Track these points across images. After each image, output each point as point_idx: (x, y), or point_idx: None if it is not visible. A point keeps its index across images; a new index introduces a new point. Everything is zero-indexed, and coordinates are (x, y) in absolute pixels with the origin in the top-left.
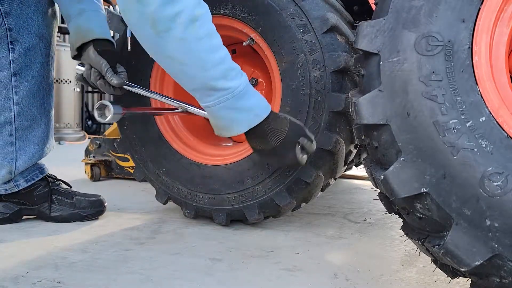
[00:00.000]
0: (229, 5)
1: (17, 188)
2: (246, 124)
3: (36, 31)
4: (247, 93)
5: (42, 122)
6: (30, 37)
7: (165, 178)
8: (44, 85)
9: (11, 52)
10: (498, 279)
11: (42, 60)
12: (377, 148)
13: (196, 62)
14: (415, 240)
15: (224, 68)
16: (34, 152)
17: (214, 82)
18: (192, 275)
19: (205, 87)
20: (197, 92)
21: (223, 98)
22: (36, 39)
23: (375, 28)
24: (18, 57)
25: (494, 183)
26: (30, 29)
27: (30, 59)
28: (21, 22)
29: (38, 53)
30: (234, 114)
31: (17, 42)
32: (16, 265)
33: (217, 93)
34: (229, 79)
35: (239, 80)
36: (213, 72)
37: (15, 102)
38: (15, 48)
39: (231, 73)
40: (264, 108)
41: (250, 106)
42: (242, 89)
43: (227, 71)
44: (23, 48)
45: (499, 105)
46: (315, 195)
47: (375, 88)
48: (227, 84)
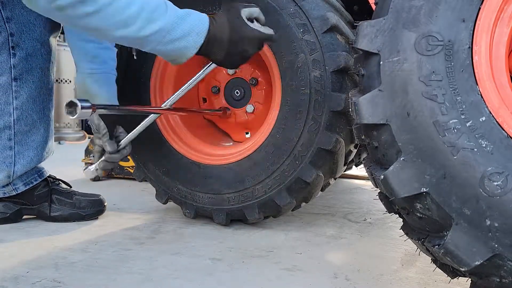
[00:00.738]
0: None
1: (15, 192)
2: (193, 47)
3: (37, 37)
4: (180, 20)
5: (42, 127)
6: (32, 43)
7: (165, 178)
8: (44, 90)
9: (12, 57)
10: (498, 279)
11: (43, 66)
12: (377, 148)
13: (116, 25)
14: (415, 240)
15: (145, 16)
16: (32, 156)
17: (142, 32)
18: (192, 275)
19: (137, 39)
20: (135, 45)
21: (160, 38)
22: (38, 44)
23: (375, 28)
24: (19, 62)
25: (494, 183)
26: (31, 35)
27: (31, 65)
28: (23, 28)
29: (39, 58)
30: (177, 44)
31: (18, 47)
32: (16, 265)
33: (151, 37)
34: (155, 21)
35: (166, 15)
36: (137, 24)
37: (15, 107)
38: (16, 53)
39: (155, 14)
40: (201, 23)
41: (187, 30)
42: (173, 21)
43: (150, 15)
44: (24, 53)
45: (499, 105)
46: (315, 195)
47: (375, 88)
48: (155, 26)
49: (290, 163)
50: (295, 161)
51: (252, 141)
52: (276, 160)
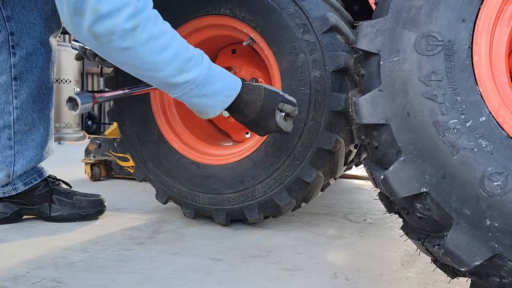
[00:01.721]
0: (229, 5)
1: (15, 191)
2: (219, 107)
3: (37, 36)
4: (211, 78)
5: (41, 126)
6: (32, 42)
7: (165, 178)
8: (44, 89)
9: (12, 56)
10: (498, 279)
11: (43, 65)
12: (377, 148)
13: (147, 65)
14: (415, 240)
15: (178, 64)
16: (32, 156)
17: (171, 79)
18: (192, 275)
19: (165, 84)
20: (162, 88)
21: (187, 89)
22: (38, 44)
23: (375, 28)
24: (19, 61)
25: (494, 183)
26: (31, 34)
27: (31, 64)
28: (23, 27)
29: (39, 58)
30: (203, 100)
31: (18, 46)
32: (16, 265)
33: (180, 86)
34: (187, 71)
35: (199, 69)
36: (167, 71)
37: (15, 106)
38: (16, 52)
39: (187, 65)
40: (233, 87)
41: (217, 89)
42: (204, 77)
43: (183, 65)
44: (24, 52)
45: (499, 105)
46: (315, 194)
47: (375, 88)
48: (186, 77)
49: (290, 163)
50: (295, 161)
51: (252, 141)
52: (276, 160)
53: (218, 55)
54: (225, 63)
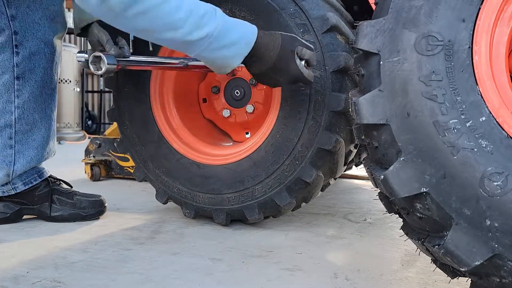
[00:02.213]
0: (229, 5)
1: (14, 191)
2: (239, 56)
3: (41, 36)
4: (228, 29)
5: (43, 126)
6: (35, 42)
7: (165, 178)
8: (47, 90)
9: (16, 55)
10: (498, 279)
11: (46, 65)
12: (377, 148)
13: (165, 27)
14: (415, 240)
15: (194, 21)
16: (33, 156)
17: (189, 36)
18: (192, 275)
19: (184, 43)
20: (181, 49)
21: (206, 44)
22: (41, 44)
23: (375, 28)
24: (22, 61)
25: (494, 183)
26: (35, 34)
27: (34, 64)
28: (27, 27)
29: (43, 58)
30: (224, 52)
31: (22, 46)
32: (16, 264)
33: (198, 42)
34: (203, 26)
35: (214, 22)
36: (185, 29)
37: (17, 106)
38: (20, 52)
39: (202, 20)
40: (250, 34)
41: (235, 39)
42: (221, 29)
43: (198, 21)
44: (28, 52)
45: (499, 105)
46: (315, 194)
47: (375, 88)
48: (202, 32)
49: (290, 163)
50: (295, 161)
51: (252, 141)
52: (276, 160)
53: None
54: None
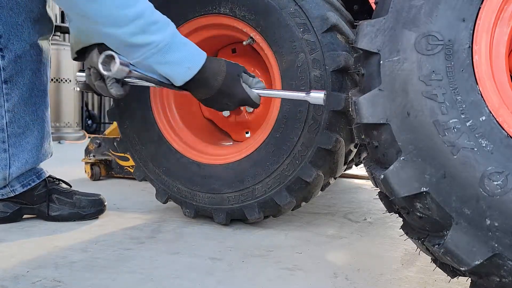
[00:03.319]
0: (229, 4)
1: (13, 193)
2: (180, 79)
3: (26, 39)
4: (174, 45)
5: (35, 128)
6: (21, 45)
7: (165, 178)
8: (36, 92)
9: (1, 59)
10: (498, 278)
11: (34, 67)
12: (377, 148)
13: (108, 19)
14: (415, 239)
15: (142, 23)
16: (27, 158)
17: (132, 38)
18: (192, 274)
19: (124, 44)
20: (121, 50)
21: (148, 53)
22: (27, 46)
23: (375, 28)
24: (8, 64)
25: (494, 182)
26: (20, 37)
27: (20, 66)
28: (11, 30)
29: (29, 60)
30: (164, 69)
31: (7, 49)
32: (16, 264)
33: (140, 49)
34: (150, 34)
35: (163, 34)
36: (129, 28)
37: (7, 110)
38: (5, 55)
39: (151, 27)
40: (196, 59)
41: (179, 59)
42: (167, 43)
43: (146, 26)
44: (13, 55)
45: (499, 105)
46: (315, 194)
47: (375, 87)
48: (148, 38)
49: (290, 163)
50: (295, 160)
51: (252, 141)
52: (276, 160)
53: (218, 54)
54: None
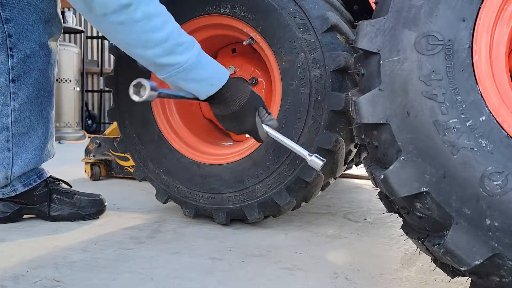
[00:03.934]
0: (229, 4)
1: (14, 193)
2: (203, 94)
3: (36, 39)
4: (199, 65)
5: (40, 129)
6: (30, 45)
7: (165, 178)
8: (43, 92)
9: (10, 58)
10: (498, 278)
11: (42, 68)
12: (377, 148)
13: (138, 43)
14: (415, 239)
15: (169, 46)
16: (30, 158)
17: (160, 59)
18: (192, 274)
19: (153, 64)
20: (149, 68)
21: (174, 72)
22: (36, 46)
23: (375, 27)
24: (17, 63)
25: (494, 182)
26: (30, 37)
27: (29, 66)
28: (21, 29)
29: (38, 60)
30: (189, 85)
31: (16, 48)
32: (16, 264)
33: (167, 68)
34: (176, 55)
35: (188, 54)
36: (157, 50)
37: (13, 108)
38: (14, 54)
39: (178, 48)
40: (219, 77)
41: (203, 77)
42: (193, 62)
43: (174, 48)
44: (22, 55)
45: (499, 105)
46: (315, 194)
47: (375, 87)
48: (175, 59)
49: (290, 163)
50: (295, 160)
51: (252, 141)
52: (276, 160)
53: (218, 54)
54: (225, 62)
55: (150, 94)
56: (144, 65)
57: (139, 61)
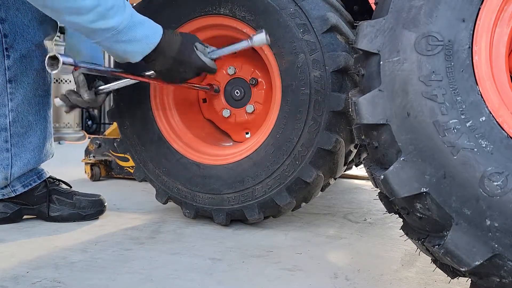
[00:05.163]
0: (229, 5)
1: (14, 193)
2: (139, 54)
3: (32, 39)
4: (134, 25)
5: (38, 128)
6: (26, 45)
7: (165, 178)
8: (40, 92)
9: (6, 59)
10: (498, 278)
11: (38, 68)
12: (377, 148)
13: (69, 10)
14: (415, 240)
15: (100, 10)
16: (29, 158)
17: (93, 24)
18: (192, 275)
19: (87, 30)
20: (84, 34)
21: (109, 35)
22: (32, 46)
23: (375, 28)
24: (13, 64)
25: (494, 183)
26: (26, 37)
27: (25, 66)
28: (17, 29)
29: (34, 60)
30: (125, 47)
31: (12, 49)
32: (16, 264)
33: (101, 32)
34: (109, 18)
35: (121, 16)
36: (90, 16)
37: (10, 109)
38: (10, 55)
39: (109, 12)
40: (154, 34)
41: (139, 37)
42: (127, 24)
43: (105, 12)
44: (18, 55)
45: (499, 105)
46: (315, 195)
47: (375, 88)
48: (108, 23)
49: (290, 163)
50: (295, 161)
51: (252, 141)
52: (276, 160)
53: None
54: (225, 63)
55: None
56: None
57: (72, 28)
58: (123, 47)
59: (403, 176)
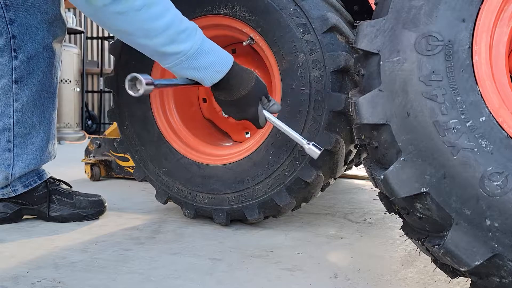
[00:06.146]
0: (229, 5)
1: (14, 193)
2: (208, 81)
3: (40, 41)
4: (203, 51)
5: (41, 130)
6: (34, 46)
7: (165, 178)
8: (46, 94)
9: (14, 59)
10: (498, 279)
11: (45, 69)
12: (377, 148)
13: (140, 32)
14: (415, 240)
15: (171, 34)
16: (31, 159)
17: (163, 48)
18: (192, 275)
19: (156, 53)
20: (154, 57)
21: (178, 60)
22: (40, 48)
23: (375, 28)
24: (20, 64)
25: (494, 183)
26: (34, 38)
27: (32, 68)
28: (25, 31)
29: (41, 62)
30: (193, 73)
31: (20, 50)
32: (16, 265)
33: (171, 56)
34: (179, 43)
35: (191, 42)
36: (160, 39)
37: (15, 109)
38: (18, 56)
39: (180, 36)
40: (224, 63)
41: (207, 64)
42: (196, 50)
43: (176, 35)
44: (26, 56)
45: (499, 105)
46: (315, 194)
47: (375, 88)
48: (178, 47)
49: (290, 163)
50: (295, 161)
51: (252, 141)
52: (276, 160)
53: None
54: None
55: (146, 88)
56: (148, 55)
57: (142, 51)
58: (191, 74)
59: (403, 176)
